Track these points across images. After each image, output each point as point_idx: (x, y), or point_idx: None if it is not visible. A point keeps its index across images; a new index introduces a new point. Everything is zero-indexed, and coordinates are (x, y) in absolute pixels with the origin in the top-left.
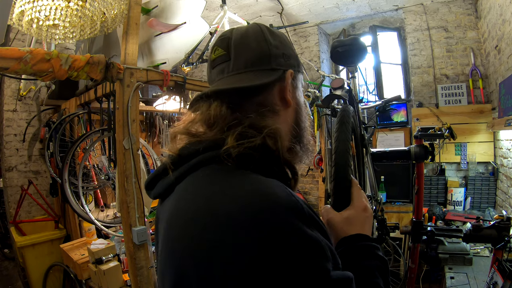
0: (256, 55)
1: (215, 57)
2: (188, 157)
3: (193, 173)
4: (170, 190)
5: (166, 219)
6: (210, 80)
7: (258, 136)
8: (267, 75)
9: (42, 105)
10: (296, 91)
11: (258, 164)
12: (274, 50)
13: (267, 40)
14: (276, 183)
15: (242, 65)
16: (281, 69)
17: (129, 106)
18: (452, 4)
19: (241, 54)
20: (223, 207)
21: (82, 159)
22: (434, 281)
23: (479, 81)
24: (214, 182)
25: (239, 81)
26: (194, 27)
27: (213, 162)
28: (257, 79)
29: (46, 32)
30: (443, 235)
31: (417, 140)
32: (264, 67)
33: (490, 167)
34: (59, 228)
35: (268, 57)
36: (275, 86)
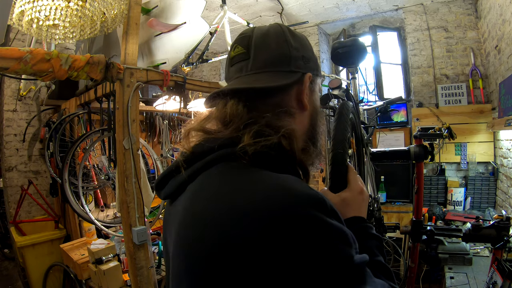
0: (276, 56)
1: (234, 54)
2: (202, 154)
3: (207, 171)
4: (181, 189)
5: (179, 221)
6: (227, 77)
7: (274, 135)
8: (285, 77)
9: (42, 105)
10: (313, 95)
11: (273, 162)
12: (294, 52)
13: (288, 42)
14: (294, 178)
15: (261, 64)
16: (300, 71)
17: (129, 106)
18: (452, 4)
19: (260, 54)
20: (246, 203)
21: (82, 159)
22: (434, 281)
23: (479, 81)
24: (232, 179)
25: (257, 81)
26: (194, 27)
27: (228, 159)
28: (275, 80)
29: (46, 32)
30: (443, 234)
31: (416, 140)
32: (283, 69)
33: (490, 167)
34: (59, 228)
35: (288, 59)
36: (293, 88)
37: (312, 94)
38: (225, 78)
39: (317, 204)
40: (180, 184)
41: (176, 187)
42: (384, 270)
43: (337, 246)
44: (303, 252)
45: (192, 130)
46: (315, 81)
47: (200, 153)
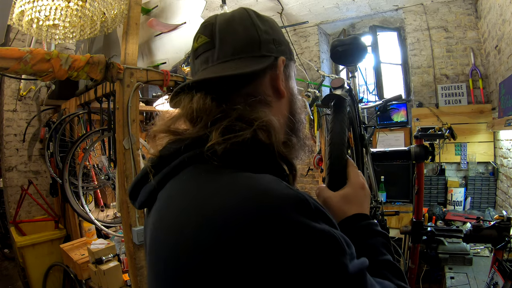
0: (244, 41)
1: (197, 45)
2: (169, 158)
3: (176, 177)
4: (153, 197)
5: (151, 230)
6: (193, 72)
7: (247, 129)
8: (257, 62)
9: (42, 105)
10: (289, 80)
11: (248, 161)
12: (264, 35)
13: (256, 25)
14: (269, 177)
15: (229, 52)
16: (272, 55)
17: (129, 106)
18: (452, 4)
19: (227, 41)
20: (215, 210)
21: (82, 159)
22: (434, 281)
23: (479, 81)
24: (198, 186)
25: (225, 70)
26: (194, 27)
27: (197, 161)
28: (246, 66)
29: (46, 32)
30: (443, 235)
31: (417, 140)
32: (254, 54)
33: (490, 167)
34: (59, 228)
35: (257, 43)
36: (266, 74)
37: (288, 79)
38: (191, 73)
39: (299, 206)
40: (151, 192)
41: (147, 195)
42: (393, 269)
43: (327, 254)
44: (287, 264)
45: (158, 132)
46: (289, 65)
47: (167, 157)
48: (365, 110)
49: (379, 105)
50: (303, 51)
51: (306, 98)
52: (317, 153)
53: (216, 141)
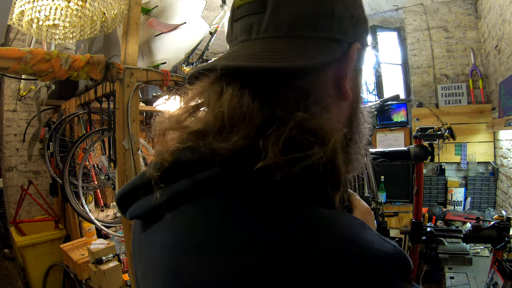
0: (311, 11)
1: (241, 3)
2: (190, 167)
3: (200, 200)
4: (155, 214)
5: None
6: (229, 39)
7: (317, 145)
8: (324, 48)
9: (42, 105)
10: (358, 77)
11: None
12: (339, 6)
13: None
14: (356, 222)
15: (285, 24)
16: (345, 40)
17: (129, 106)
18: (452, 4)
19: (283, 5)
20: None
21: (82, 159)
22: (434, 281)
23: (479, 81)
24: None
25: (277, 54)
26: (194, 27)
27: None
28: (309, 53)
29: (46, 32)
30: (442, 235)
31: (416, 140)
32: (321, 34)
33: (490, 167)
34: (59, 228)
35: (329, 18)
36: (331, 67)
37: (357, 76)
38: (227, 39)
39: (402, 269)
40: (154, 208)
41: (147, 210)
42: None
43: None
44: None
45: (170, 130)
46: (362, 55)
47: (185, 165)
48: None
49: (376, 105)
50: None
51: None
52: None
53: (276, 161)
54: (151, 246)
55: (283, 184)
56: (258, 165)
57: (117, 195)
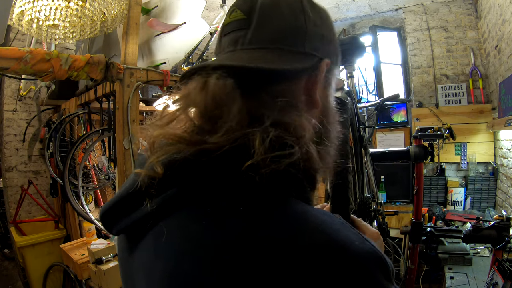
0: (288, 29)
1: (229, 20)
2: (179, 174)
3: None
4: (145, 224)
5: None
6: (216, 51)
7: (296, 143)
8: (298, 59)
9: (42, 105)
10: (327, 88)
11: (290, 184)
12: (312, 28)
13: (306, 12)
14: (338, 221)
15: (266, 38)
16: (316, 55)
17: (129, 106)
18: (452, 4)
19: (266, 23)
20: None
21: (82, 159)
22: (434, 281)
23: (479, 81)
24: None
25: (257, 59)
26: (194, 27)
27: (229, 184)
28: (285, 61)
29: (46, 32)
30: (442, 235)
31: (416, 140)
32: (296, 48)
33: (490, 167)
34: (59, 228)
35: (303, 35)
36: (303, 77)
37: (327, 87)
38: (215, 52)
39: (382, 268)
40: (145, 216)
41: (139, 219)
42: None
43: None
44: None
45: (160, 137)
46: (332, 71)
47: (177, 173)
48: (365, 110)
49: (376, 105)
50: None
51: None
52: None
53: (263, 158)
54: (145, 255)
55: (269, 180)
56: (247, 163)
57: (102, 209)
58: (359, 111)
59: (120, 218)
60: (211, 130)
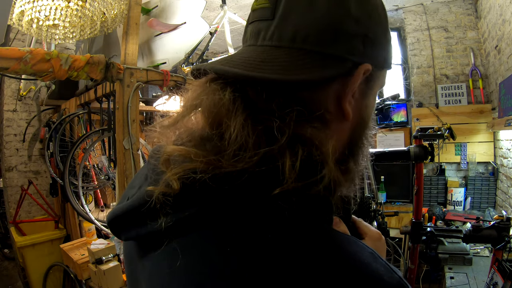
0: (318, 24)
1: (256, 7)
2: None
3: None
4: (157, 239)
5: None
6: (243, 40)
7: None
8: (323, 64)
9: (42, 105)
10: (365, 98)
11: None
12: (351, 24)
13: (347, 5)
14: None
15: (288, 34)
16: (351, 59)
17: (129, 106)
18: (452, 4)
19: (292, 15)
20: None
21: (82, 159)
22: (434, 281)
23: (479, 81)
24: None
25: (273, 64)
26: (194, 27)
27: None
28: (303, 66)
29: (46, 32)
30: (442, 235)
31: (416, 140)
32: (324, 48)
33: (490, 167)
34: (59, 228)
35: (336, 33)
36: (332, 83)
37: (364, 97)
38: (242, 40)
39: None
40: (158, 232)
41: (147, 234)
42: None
43: None
44: None
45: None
46: (375, 77)
47: (196, 192)
48: None
49: (376, 104)
50: None
51: None
52: None
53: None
54: (156, 271)
55: (300, 207)
56: (276, 191)
57: (110, 217)
58: None
59: (130, 227)
60: (220, 147)
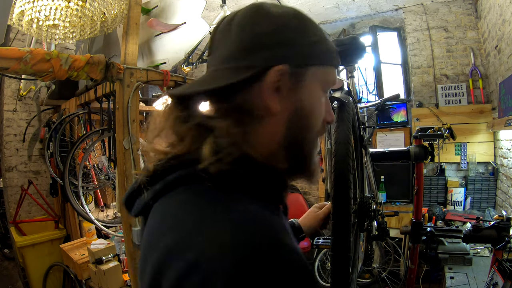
0: (233, 47)
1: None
2: (162, 173)
3: (169, 194)
4: (148, 208)
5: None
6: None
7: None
8: (237, 74)
9: (42, 105)
10: (296, 93)
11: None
12: (257, 40)
13: (254, 26)
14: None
15: (219, 60)
16: (259, 66)
17: (129, 106)
18: (452, 4)
19: (219, 46)
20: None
21: (82, 159)
22: (434, 281)
23: (479, 81)
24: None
25: (206, 81)
26: (194, 27)
27: (189, 182)
28: (222, 79)
29: (46, 32)
30: (443, 235)
31: (416, 140)
32: (239, 63)
33: (490, 167)
34: (59, 228)
35: (244, 51)
36: (253, 86)
37: (295, 92)
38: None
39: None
40: (145, 204)
41: (142, 207)
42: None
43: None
44: None
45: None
46: (299, 74)
47: (160, 172)
48: (365, 110)
49: (377, 104)
50: None
51: None
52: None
53: (210, 160)
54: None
55: (215, 178)
56: (200, 166)
57: (123, 200)
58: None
59: (133, 204)
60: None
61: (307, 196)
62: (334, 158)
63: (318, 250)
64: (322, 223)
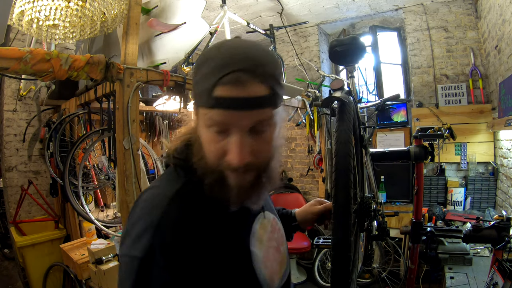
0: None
1: None
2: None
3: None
4: None
5: None
6: None
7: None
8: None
9: (42, 105)
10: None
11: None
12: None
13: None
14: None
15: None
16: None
17: (129, 106)
18: (452, 4)
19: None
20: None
21: (82, 159)
22: (434, 281)
23: (479, 81)
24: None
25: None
26: (194, 27)
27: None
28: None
29: (46, 32)
30: (443, 235)
31: (416, 140)
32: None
33: (490, 167)
34: (59, 228)
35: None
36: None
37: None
38: None
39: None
40: None
41: None
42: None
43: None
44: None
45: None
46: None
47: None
48: (365, 110)
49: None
50: (303, 51)
51: (306, 98)
52: (317, 153)
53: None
54: None
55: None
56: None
57: None
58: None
59: None
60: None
61: (307, 196)
62: (335, 158)
63: (318, 250)
64: (317, 218)
